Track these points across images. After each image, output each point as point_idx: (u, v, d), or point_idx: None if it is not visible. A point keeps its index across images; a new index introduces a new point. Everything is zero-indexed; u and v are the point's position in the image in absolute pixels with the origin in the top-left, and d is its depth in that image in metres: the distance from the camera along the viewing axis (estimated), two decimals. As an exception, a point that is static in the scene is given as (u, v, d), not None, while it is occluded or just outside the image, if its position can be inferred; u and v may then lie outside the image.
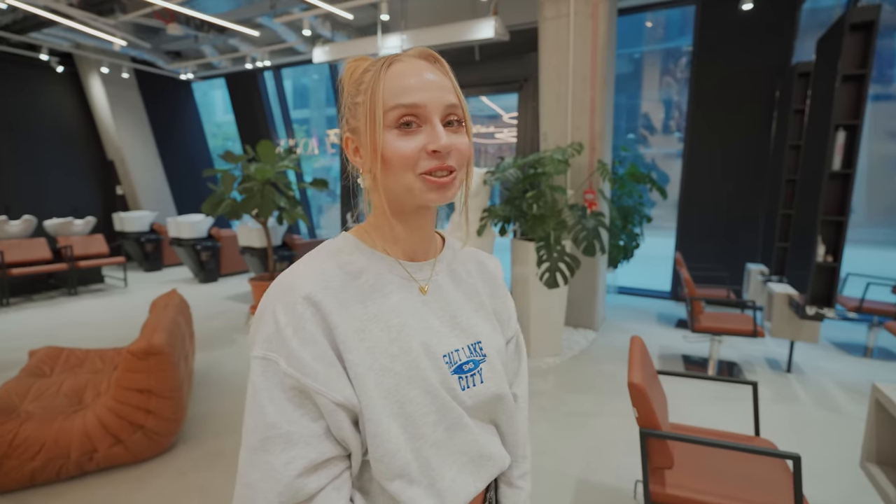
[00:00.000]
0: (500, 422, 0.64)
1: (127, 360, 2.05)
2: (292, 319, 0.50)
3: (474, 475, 0.58)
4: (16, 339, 3.88)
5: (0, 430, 1.92)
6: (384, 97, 0.52)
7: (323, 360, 0.50)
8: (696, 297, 3.20)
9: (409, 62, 0.54)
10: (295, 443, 0.48)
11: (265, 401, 0.49)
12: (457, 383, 0.57)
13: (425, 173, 0.52)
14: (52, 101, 6.78)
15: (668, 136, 10.03)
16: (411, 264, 0.60)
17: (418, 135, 0.52)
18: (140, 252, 6.83)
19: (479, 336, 0.61)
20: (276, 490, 0.47)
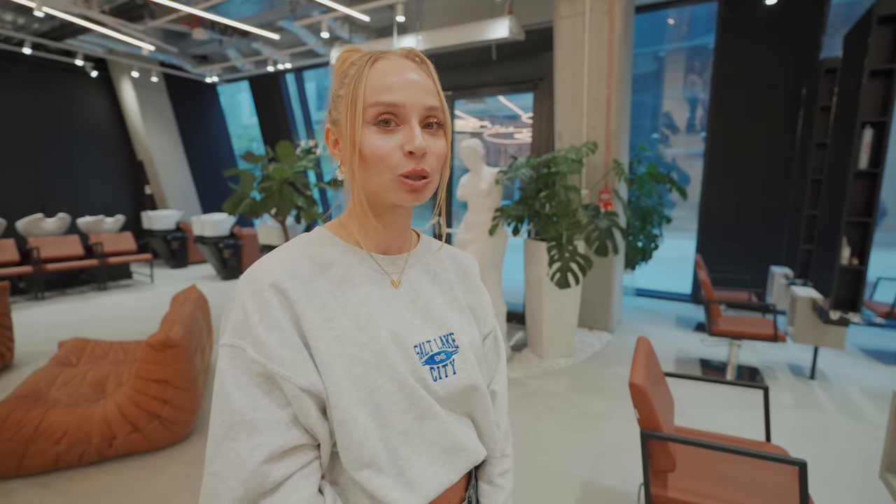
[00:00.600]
0: (476, 416, 0.64)
1: (145, 351, 2.13)
2: (259, 306, 0.50)
3: (447, 466, 0.57)
4: (48, 331, 4.07)
5: (27, 416, 2.02)
6: (366, 93, 0.52)
7: (289, 346, 0.50)
8: (714, 299, 3.12)
9: (394, 60, 0.54)
10: (261, 429, 0.48)
11: (232, 388, 0.49)
12: (428, 374, 0.56)
13: (402, 175, 0.52)
14: (86, 104, 7.09)
15: (692, 136, 9.79)
16: (383, 257, 0.60)
17: (396, 134, 0.52)
18: (166, 249, 7.07)
19: (452, 328, 0.61)
20: (241, 477, 0.47)
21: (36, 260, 5.24)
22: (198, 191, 8.12)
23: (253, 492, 0.47)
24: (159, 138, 7.45)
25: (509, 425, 0.73)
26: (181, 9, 4.39)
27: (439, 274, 0.66)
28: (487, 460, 0.69)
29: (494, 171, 3.28)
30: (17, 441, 1.96)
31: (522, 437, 2.39)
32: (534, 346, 3.61)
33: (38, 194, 6.54)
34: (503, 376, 0.72)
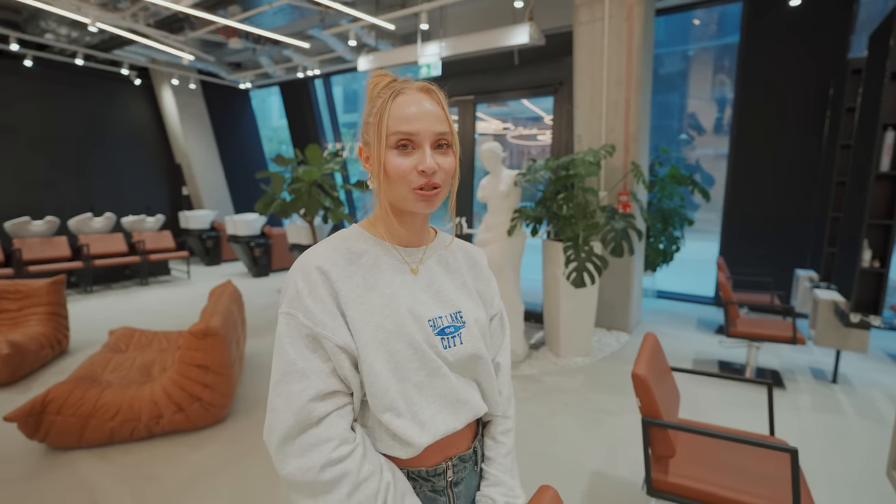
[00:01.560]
0: (481, 380, 0.77)
1: (188, 339, 2.34)
2: (307, 284, 0.66)
3: (452, 415, 0.71)
4: (98, 321, 4.40)
5: (87, 394, 2.26)
6: (389, 123, 0.66)
7: (330, 314, 0.65)
8: (732, 301, 3.14)
9: (412, 94, 0.68)
10: (308, 376, 0.63)
11: (287, 345, 0.64)
12: (440, 343, 0.70)
13: (417, 188, 0.66)
14: (130, 110, 7.54)
15: (719, 137, 9.60)
16: (405, 249, 0.74)
17: (412, 156, 0.66)
18: (202, 247, 7.44)
19: (460, 307, 0.75)
20: (292, 411, 0.62)
21: (86, 256, 5.64)
22: (231, 192, 8.50)
23: (302, 423, 0.62)
24: (196, 142, 7.85)
25: (511, 392, 0.86)
26: (219, 21, 4.67)
27: (451, 264, 0.79)
28: (492, 420, 0.82)
29: (513, 174, 3.38)
30: (78, 416, 2.19)
31: (537, 430, 2.49)
32: (551, 345, 3.69)
33: (87, 195, 7.01)
34: (507, 351, 0.86)
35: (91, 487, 1.97)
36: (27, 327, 3.33)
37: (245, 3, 4.71)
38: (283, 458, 0.62)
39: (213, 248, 7.52)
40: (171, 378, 2.37)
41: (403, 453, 0.67)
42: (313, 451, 0.61)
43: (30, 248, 5.41)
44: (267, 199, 4.72)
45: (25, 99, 6.36)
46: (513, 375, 3.21)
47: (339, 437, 0.62)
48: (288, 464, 0.61)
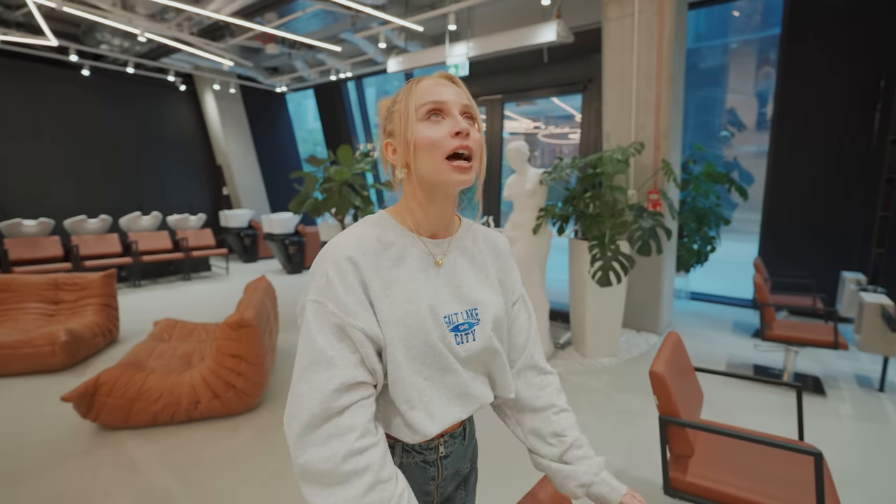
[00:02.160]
0: (494, 373, 0.79)
1: (223, 330, 2.48)
2: (338, 273, 0.65)
3: (459, 407, 0.74)
4: (145, 313, 4.68)
5: (133, 379, 2.43)
6: (416, 99, 0.69)
7: (360, 304, 0.65)
8: (768, 303, 3.02)
9: (434, 79, 0.71)
10: (336, 365, 0.63)
11: (316, 333, 0.64)
12: (454, 339, 0.72)
13: (449, 157, 0.67)
14: (175, 115, 7.96)
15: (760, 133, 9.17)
16: (431, 241, 0.74)
17: (443, 124, 0.68)
18: (240, 245, 7.77)
19: (477, 303, 0.75)
20: (318, 399, 0.61)
21: (134, 252, 6.01)
22: (267, 192, 8.83)
23: (326, 411, 0.61)
24: (235, 144, 8.20)
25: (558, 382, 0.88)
26: (256, 28, 4.87)
27: (476, 256, 0.79)
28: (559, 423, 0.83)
29: (539, 172, 3.38)
30: (125, 399, 2.36)
31: (558, 428, 2.48)
32: (577, 345, 3.66)
33: (137, 195, 7.45)
34: (535, 329, 0.87)
35: (136, 465, 2.12)
36: (83, 317, 3.60)
37: (281, 9, 4.90)
38: (304, 446, 0.61)
39: (251, 246, 7.83)
40: (209, 366, 2.51)
41: (411, 439, 0.70)
42: (335, 440, 0.60)
43: (86, 244, 5.82)
44: (300, 198, 4.88)
45: (83, 105, 6.84)
46: (537, 374, 3.21)
47: (361, 428, 0.62)
48: (307, 451, 0.61)
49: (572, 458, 0.80)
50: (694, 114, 10.96)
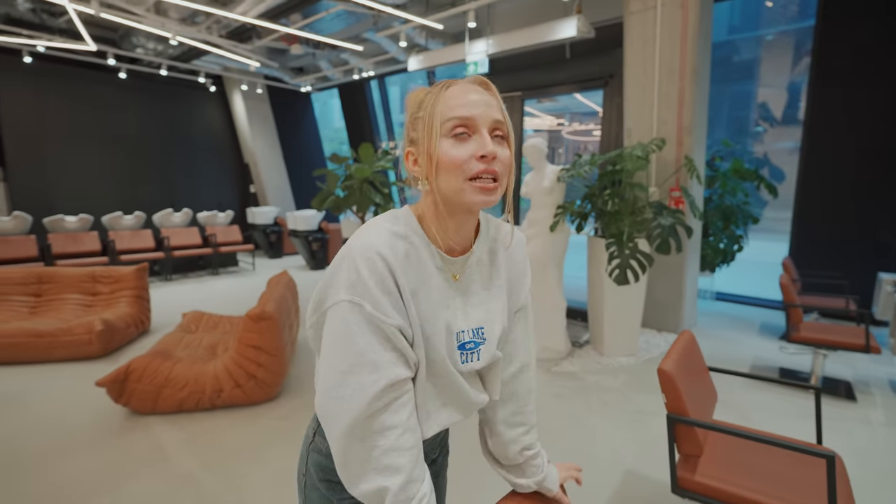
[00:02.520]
0: (488, 380, 0.81)
1: (245, 322, 2.57)
2: (373, 273, 0.62)
3: (457, 411, 0.76)
4: (175, 305, 4.89)
5: (161, 367, 2.55)
6: (442, 110, 0.63)
7: (396, 306, 0.63)
8: (794, 303, 2.92)
9: (464, 85, 0.65)
10: (379, 367, 0.62)
11: (356, 335, 0.61)
12: (459, 356, 0.72)
13: (472, 178, 0.62)
14: (205, 115, 8.24)
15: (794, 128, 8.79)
16: (448, 258, 0.71)
17: (469, 143, 0.63)
18: (266, 241, 7.99)
19: (484, 323, 0.75)
20: (365, 402, 0.61)
21: (166, 247, 6.26)
22: (292, 189, 9.04)
23: (371, 410, 0.61)
24: (262, 143, 8.43)
25: (534, 387, 0.88)
26: (281, 29, 5.00)
27: (488, 265, 0.76)
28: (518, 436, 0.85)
29: (557, 169, 3.35)
30: (154, 385, 2.48)
31: (573, 427, 2.48)
32: (595, 344, 3.62)
33: (169, 192, 7.76)
34: (533, 350, 0.87)
35: (163, 448, 2.23)
36: (117, 308, 3.79)
37: (305, 10, 5.01)
38: (348, 444, 0.62)
39: (276, 242, 8.04)
40: (231, 357, 2.61)
41: None
42: (378, 436, 0.61)
43: (122, 239, 6.11)
44: (322, 195, 4.99)
45: (120, 107, 7.17)
46: (553, 372, 3.20)
47: (403, 425, 0.63)
48: (351, 447, 0.62)
49: (528, 468, 0.85)
50: (728, 108, 10.61)
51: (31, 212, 6.02)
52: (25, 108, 6.31)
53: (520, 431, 0.84)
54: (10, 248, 5.31)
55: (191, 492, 1.92)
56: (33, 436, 2.35)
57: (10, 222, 5.43)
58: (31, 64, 6.11)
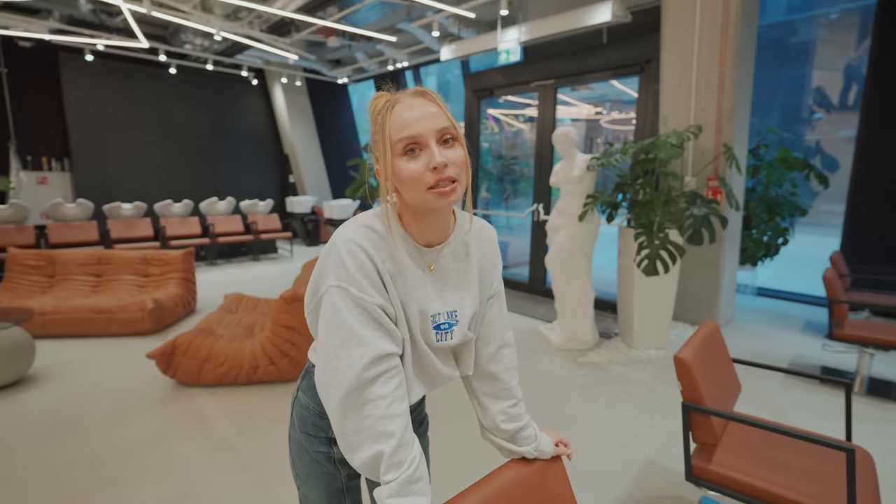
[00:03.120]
0: (461, 356, 0.90)
1: (279, 304, 2.71)
2: (355, 262, 0.71)
3: (427, 384, 0.85)
4: (218, 288, 5.18)
5: (204, 343, 2.74)
6: (390, 133, 0.70)
7: (378, 288, 0.73)
8: (838, 299, 2.77)
9: (405, 101, 0.71)
10: (366, 342, 0.70)
11: (345, 314, 0.70)
12: (433, 335, 0.81)
13: (431, 187, 0.70)
14: (247, 108, 8.58)
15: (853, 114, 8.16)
16: (424, 249, 0.79)
17: (420, 157, 0.70)
18: (303, 229, 8.27)
19: (457, 306, 0.84)
20: (354, 372, 0.68)
21: (211, 234, 6.62)
22: (329, 179, 9.29)
23: (360, 381, 0.69)
24: (301, 134, 8.70)
25: (516, 364, 0.95)
26: (319, 22, 5.13)
27: (465, 256, 0.85)
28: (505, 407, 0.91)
29: (587, 158, 3.30)
30: (197, 360, 2.67)
31: (594, 416, 2.48)
32: (624, 336, 3.57)
33: (215, 181, 8.17)
34: (509, 327, 0.94)
35: (205, 417, 2.41)
36: (167, 289, 4.07)
37: (341, 3, 5.11)
38: (343, 412, 0.69)
39: (313, 231, 8.31)
40: (267, 336, 2.77)
41: None
42: (370, 405, 0.68)
43: (171, 225, 6.51)
44: (356, 184, 5.13)
45: (170, 101, 7.58)
46: (579, 362, 3.19)
47: (391, 395, 0.70)
48: (347, 416, 0.69)
49: (520, 439, 0.90)
50: (782, 94, 9.98)
51: (92, 199, 6.51)
52: (87, 103, 6.80)
53: (507, 404, 0.90)
54: (75, 233, 5.78)
55: (228, 454, 2.08)
56: (95, 400, 2.60)
57: (74, 209, 5.90)
58: (92, 62, 6.56)
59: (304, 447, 0.87)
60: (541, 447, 0.90)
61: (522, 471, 0.89)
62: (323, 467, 0.87)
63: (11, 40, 6.10)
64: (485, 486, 0.82)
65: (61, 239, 5.65)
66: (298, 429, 0.88)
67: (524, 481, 0.87)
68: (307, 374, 0.89)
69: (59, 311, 3.52)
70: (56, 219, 5.78)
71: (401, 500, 0.66)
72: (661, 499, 1.83)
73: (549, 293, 4.77)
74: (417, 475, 0.68)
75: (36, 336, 3.39)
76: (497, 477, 0.85)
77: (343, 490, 0.90)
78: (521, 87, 4.92)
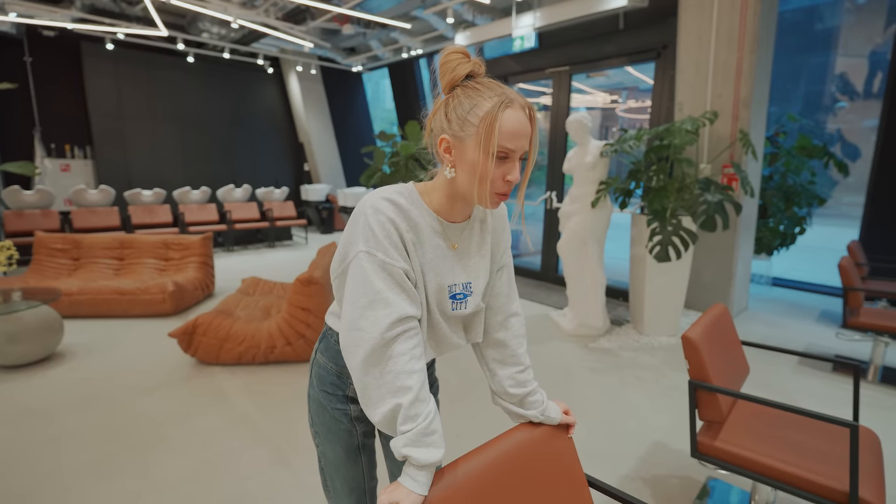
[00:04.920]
0: (472, 326, 0.96)
1: (295, 286, 2.79)
2: (383, 230, 0.77)
3: (434, 350, 0.92)
4: (235, 272, 5.31)
5: (223, 323, 2.83)
6: (498, 136, 0.74)
7: (402, 255, 0.79)
8: (853, 287, 2.74)
9: (517, 112, 0.76)
10: (391, 303, 0.75)
11: (373, 277, 0.75)
12: (449, 304, 0.88)
13: (497, 193, 0.78)
14: (263, 96, 8.66)
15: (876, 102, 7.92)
16: (448, 224, 0.86)
17: (504, 165, 0.77)
18: (318, 217, 8.37)
19: (472, 279, 0.90)
20: (379, 331, 0.74)
21: (229, 220, 6.75)
22: (343, 168, 9.36)
23: (383, 340, 0.74)
24: (316, 122, 8.76)
25: (524, 333, 1.00)
26: (334, 10, 5.15)
27: (482, 230, 0.92)
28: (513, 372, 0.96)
29: (600, 145, 3.29)
30: (217, 339, 2.77)
31: (603, 399, 2.51)
32: (635, 322, 3.58)
33: (231, 169, 8.30)
34: (517, 299, 1.00)
35: (224, 393, 2.51)
36: (186, 272, 4.19)
37: (355, -10, 5.12)
38: (367, 368, 0.74)
39: (328, 218, 8.41)
40: (283, 317, 2.85)
41: None
42: (391, 361, 0.73)
43: (190, 212, 6.65)
44: (370, 171, 5.17)
45: (189, 89, 7.70)
46: (590, 348, 3.22)
47: (410, 353, 0.75)
48: (369, 373, 0.74)
49: (528, 404, 0.95)
50: (805, 81, 9.72)
51: (114, 186, 6.68)
52: (108, 91, 6.94)
53: (515, 370, 0.96)
54: (98, 218, 5.95)
55: (247, 427, 2.17)
56: (121, 376, 2.71)
57: (97, 195, 6.07)
58: (112, 50, 6.69)
59: (323, 404, 0.93)
60: (547, 412, 0.95)
61: (531, 433, 0.93)
62: (340, 423, 0.93)
63: (35, 30, 6.24)
64: (496, 445, 0.87)
65: (85, 224, 5.82)
66: (318, 387, 0.94)
67: (533, 443, 0.91)
68: (325, 336, 0.95)
69: (84, 292, 3.65)
70: (79, 204, 5.95)
71: (416, 449, 0.71)
72: (669, 477, 1.86)
73: (560, 281, 4.78)
74: (432, 428, 0.73)
75: (64, 316, 3.54)
76: (507, 438, 0.90)
77: (359, 447, 0.96)
78: (535, 74, 4.88)
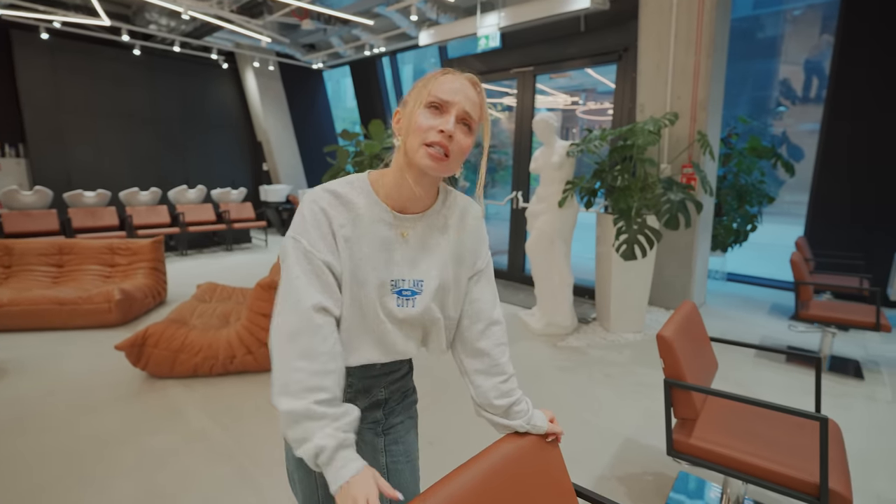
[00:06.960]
0: (431, 337, 0.89)
1: (256, 291, 2.64)
2: (313, 220, 0.77)
3: (377, 352, 0.84)
4: (190, 277, 5.01)
5: (177, 333, 2.64)
6: (430, 88, 0.76)
7: (329, 247, 0.77)
8: (804, 281, 2.89)
9: (457, 76, 0.78)
10: (308, 289, 0.74)
11: (293, 264, 0.75)
12: (394, 301, 0.82)
13: (428, 144, 0.74)
14: (218, 93, 8.27)
15: (816, 107, 8.50)
16: (398, 215, 0.82)
17: (437, 118, 0.76)
18: (278, 218, 8.08)
19: (424, 277, 0.84)
20: (297, 314, 0.73)
21: (182, 223, 6.38)
22: (304, 168, 9.08)
23: (304, 325, 0.72)
24: (274, 121, 8.45)
25: (506, 341, 0.94)
26: (293, 3, 4.96)
27: (438, 229, 0.86)
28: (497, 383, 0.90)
29: (566, 145, 3.32)
30: (170, 350, 2.58)
31: (574, 397, 2.52)
32: (602, 320, 3.64)
33: (184, 169, 7.86)
34: (498, 306, 0.94)
35: (179, 409, 2.33)
36: (135, 279, 3.91)
37: (315, -16, 4.95)
38: (288, 358, 0.71)
39: (288, 219, 8.12)
40: (243, 325, 2.69)
41: None
42: (307, 360, 0.70)
43: (139, 214, 6.24)
44: (333, 171, 5.02)
45: (135, 84, 7.23)
46: (559, 346, 3.24)
47: (329, 352, 0.73)
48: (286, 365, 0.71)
49: (513, 414, 0.90)
50: (749, 87, 10.29)
51: (51, 187, 6.16)
52: (43, 84, 6.40)
53: (498, 380, 0.89)
54: (33, 222, 5.47)
55: (205, 445, 2.02)
56: (59, 394, 2.47)
57: (31, 196, 5.58)
58: (48, 40, 6.18)
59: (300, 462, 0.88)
60: (533, 421, 0.90)
61: (519, 444, 0.88)
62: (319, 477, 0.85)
63: (-44, 15, 5.67)
64: (484, 459, 0.82)
65: (18, 228, 5.34)
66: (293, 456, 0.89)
67: (521, 454, 0.86)
68: None
69: (16, 302, 3.33)
70: (11, 207, 5.46)
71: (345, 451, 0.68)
72: (642, 474, 1.88)
73: (527, 280, 4.81)
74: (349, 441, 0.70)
75: (-7, 329, 3.21)
76: (494, 451, 0.85)
77: None
78: (500, 74, 4.89)
